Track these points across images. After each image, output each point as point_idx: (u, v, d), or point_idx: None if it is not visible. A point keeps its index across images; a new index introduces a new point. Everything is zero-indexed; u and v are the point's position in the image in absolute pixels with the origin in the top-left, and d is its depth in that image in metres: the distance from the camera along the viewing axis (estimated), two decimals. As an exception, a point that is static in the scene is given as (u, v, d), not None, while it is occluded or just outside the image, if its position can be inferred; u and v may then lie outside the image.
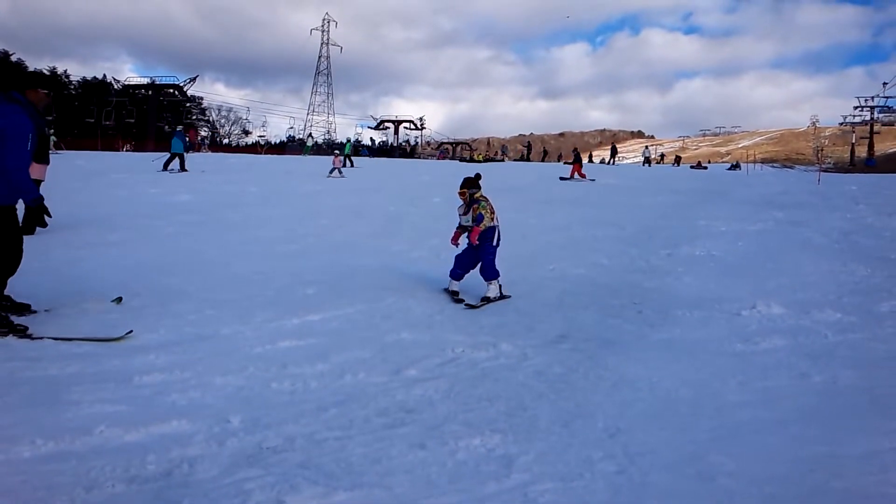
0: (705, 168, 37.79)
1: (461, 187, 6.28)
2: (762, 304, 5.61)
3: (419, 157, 52.43)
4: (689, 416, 3.51)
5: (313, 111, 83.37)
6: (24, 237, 8.32)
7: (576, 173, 23.56)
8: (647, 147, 43.46)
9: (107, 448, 2.96)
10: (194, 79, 62.63)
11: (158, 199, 13.47)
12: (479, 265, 6.10)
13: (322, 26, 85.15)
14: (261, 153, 48.13)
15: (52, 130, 28.46)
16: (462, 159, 51.08)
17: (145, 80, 62.06)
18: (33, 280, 6.23)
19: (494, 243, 6.08)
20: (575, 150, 35.32)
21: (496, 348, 4.57)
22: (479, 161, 45.31)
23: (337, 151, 26.87)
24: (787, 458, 2.98)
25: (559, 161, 50.55)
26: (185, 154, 21.74)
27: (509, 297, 6.01)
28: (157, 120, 56.76)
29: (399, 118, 74.52)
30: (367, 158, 41.27)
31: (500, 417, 3.43)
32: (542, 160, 49.05)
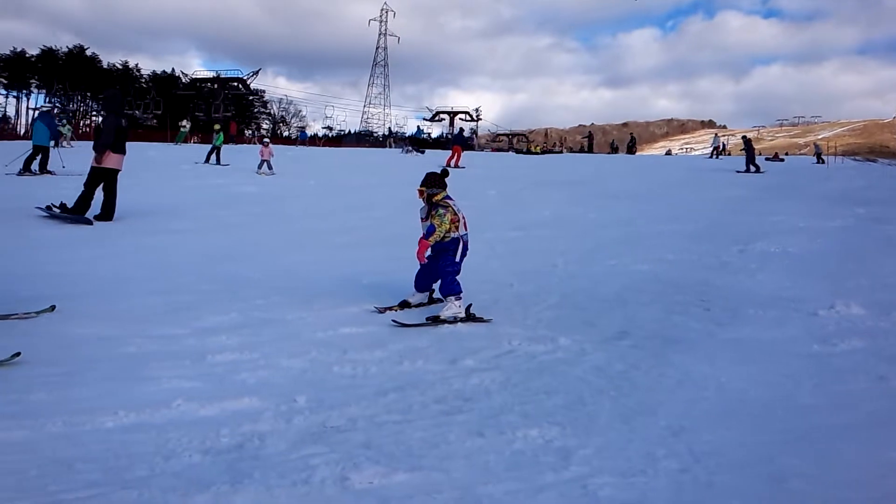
0: (782, 160, 35.62)
1: (420, 184, 5.28)
2: (841, 304, 5.35)
3: (475, 149, 52.07)
4: (759, 417, 3.39)
5: (370, 103, 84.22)
6: (104, 223, 8.87)
7: (452, 160, 22.22)
8: (716, 135, 38.97)
9: (184, 421, 3.13)
10: (257, 72, 64.00)
11: (224, 189, 13.96)
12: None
13: (380, 16, 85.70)
14: (319, 145, 49.20)
15: (66, 124, 28.22)
16: (519, 151, 50.39)
17: (211, 74, 63.98)
18: (113, 264, 6.62)
19: (458, 258, 5.17)
20: (461, 130, 32.71)
21: (554, 342, 4.52)
22: (537, 153, 44.66)
23: (266, 140, 20.65)
24: (863, 463, 2.86)
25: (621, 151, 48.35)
26: (51, 148, 14.77)
27: (488, 320, 5.03)
28: (225, 112, 58.46)
29: (455, 109, 74.15)
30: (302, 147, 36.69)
31: (558, 410, 3.41)
32: (621, 149, 45.90)
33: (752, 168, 21.73)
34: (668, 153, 67.47)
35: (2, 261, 6.41)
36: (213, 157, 20.75)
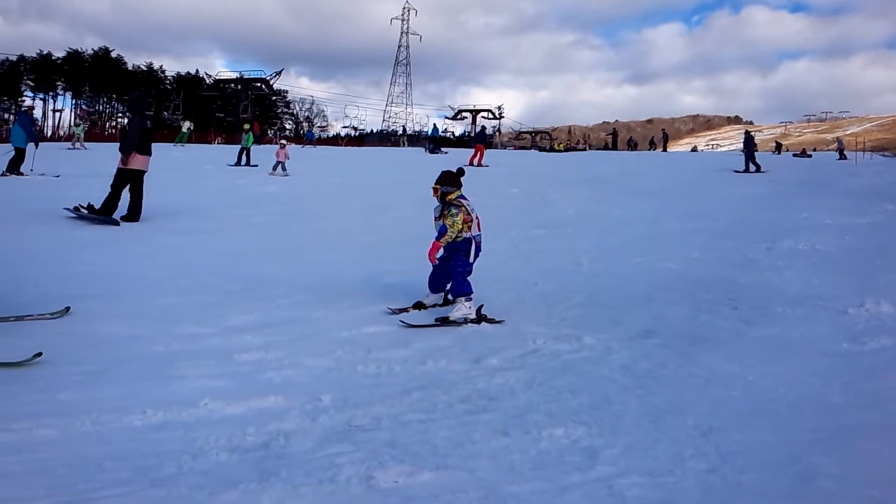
0: (810, 156, 34.83)
1: (435, 182, 5.21)
2: (871, 301, 5.23)
3: (497, 147, 51.67)
4: (788, 416, 3.34)
5: (392, 102, 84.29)
6: (130, 224, 9.01)
7: (475, 158, 21.58)
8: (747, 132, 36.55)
9: (210, 419, 3.16)
10: (279, 73, 64.37)
11: (248, 189, 14.10)
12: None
13: (402, 15, 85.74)
14: (341, 145, 49.40)
15: (81, 124, 27.82)
16: (542, 149, 50.09)
17: (235, 75, 64.52)
18: (139, 264, 6.72)
19: (471, 258, 5.08)
20: (482, 128, 31.58)
21: (579, 341, 4.49)
22: (560, 150, 44.37)
23: (283, 142, 19.96)
24: (893, 463, 2.82)
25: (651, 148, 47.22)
26: (25, 148, 14.07)
27: (500, 321, 4.92)
28: (245, 113, 58.98)
29: (477, 107, 73.85)
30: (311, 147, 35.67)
31: (583, 410, 3.38)
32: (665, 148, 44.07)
33: (753, 167, 19.94)
34: (694, 150, 66.35)
35: (30, 261, 6.55)
36: (244, 157, 20.30)
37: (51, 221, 8.97)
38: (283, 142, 19.97)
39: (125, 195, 9.18)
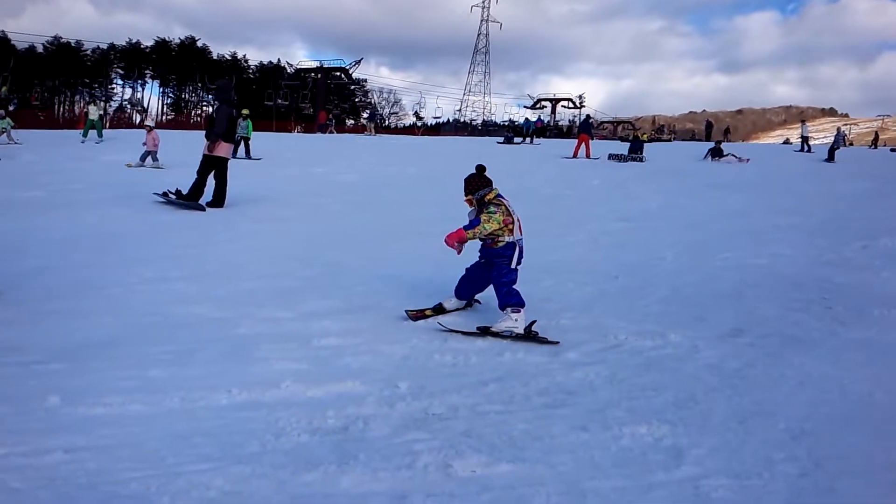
0: None
1: (465, 192, 4.70)
2: (978, 304, 4.84)
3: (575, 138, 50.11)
4: (885, 421, 3.18)
5: (470, 91, 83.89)
6: (216, 209, 9.35)
7: (580, 150, 20.65)
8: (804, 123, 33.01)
9: (292, 401, 3.24)
10: (359, 62, 64.67)
11: (326, 178, 14.36)
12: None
13: (483, 2, 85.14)
14: (418, 135, 49.51)
15: (5, 116, 21.92)
16: (624, 139, 48.75)
17: (315, 64, 65.75)
18: (223, 248, 6.98)
19: (513, 264, 4.50)
20: (587, 117, 30.34)
21: (663, 338, 4.33)
22: (644, 140, 43.07)
23: (150, 124, 15.58)
24: None
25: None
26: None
27: (555, 342, 4.23)
28: (325, 102, 60.08)
29: (557, 96, 72.47)
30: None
31: (667, 408, 3.27)
32: None
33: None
34: (787, 142, 62.88)
35: (113, 244, 6.94)
36: (241, 149, 17.04)
37: (141, 206, 9.46)
38: (150, 124, 15.64)
39: (211, 181, 9.55)
